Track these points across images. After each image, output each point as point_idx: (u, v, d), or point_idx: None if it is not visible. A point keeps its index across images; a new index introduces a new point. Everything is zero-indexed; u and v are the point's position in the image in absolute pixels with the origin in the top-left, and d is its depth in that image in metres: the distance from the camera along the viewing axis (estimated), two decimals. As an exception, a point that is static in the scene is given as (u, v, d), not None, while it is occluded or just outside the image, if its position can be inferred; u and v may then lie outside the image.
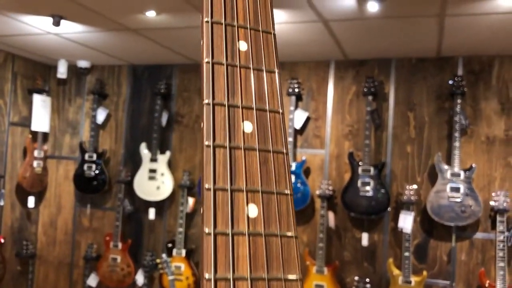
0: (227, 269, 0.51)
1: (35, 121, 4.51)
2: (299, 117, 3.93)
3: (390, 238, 3.72)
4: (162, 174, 4.24)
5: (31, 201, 4.59)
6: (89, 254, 4.42)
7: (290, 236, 0.56)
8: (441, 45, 3.39)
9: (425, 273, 3.48)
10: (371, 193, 3.62)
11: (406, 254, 3.45)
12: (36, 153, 4.49)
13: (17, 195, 4.49)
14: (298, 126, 3.93)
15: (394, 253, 3.69)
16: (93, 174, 4.41)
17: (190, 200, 4.14)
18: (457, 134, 3.48)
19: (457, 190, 3.43)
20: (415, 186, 3.56)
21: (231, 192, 0.55)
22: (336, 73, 3.94)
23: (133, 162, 4.42)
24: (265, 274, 0.52)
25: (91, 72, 4.65)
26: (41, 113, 4.56)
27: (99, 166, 4.41)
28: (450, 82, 3.56)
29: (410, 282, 3.43)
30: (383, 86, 3.82)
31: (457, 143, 3.47)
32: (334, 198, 3.82)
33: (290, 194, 0.58)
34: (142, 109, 4.49)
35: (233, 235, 0.53)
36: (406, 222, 3.49)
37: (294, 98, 3.91)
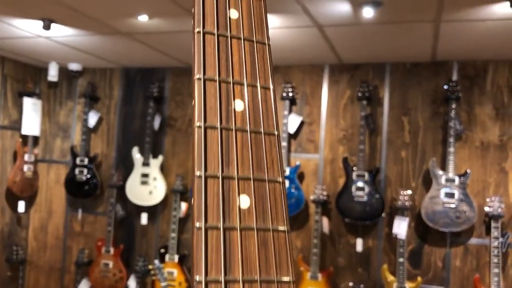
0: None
1: (26, 124, 4.45)
2: (293, 121, 3.90)
3: (385, 244, 3.70)
4: (155, 179, 4.19)
5: (21, 205, 4.53)
6: (80, 259, 4.36)
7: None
8: (436, 50, 3.37)
9: (419, 279, 3.46)
10: (366, 198, 3.60)
11: (401, 260, 3.43)
12: (26, 157, 4.43)
13: (7, 200, 4.43)
14: (292, 130, 3.89)
15: (388, 258, 3.67)
16: (84, 178, 4.35)
17: (183, 205, 4.10)
18: (451, 140, 3.46)
19: (451, 195, 3.42)
20: (410, 192, 3.54)
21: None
22: (330, 77, 3.92)
23: (125, 166, 4.36)
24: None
25: (83, 75, 4.59)
26: (31, 116, 4.49)
27: (91, 171, 4.36)
28: (445, 87, 3.54)
29: (404, 289, 3.41)
30: (378, 90, 3.79)
31: (451, 149, 3.45)
32: (328, 203, 3.79)
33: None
34: (135, 112, 4.44)
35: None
36: (401, 227, 3.47)
37: (288, 103, 3.88)
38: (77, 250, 4.47)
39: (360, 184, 3.62)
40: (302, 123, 3.93)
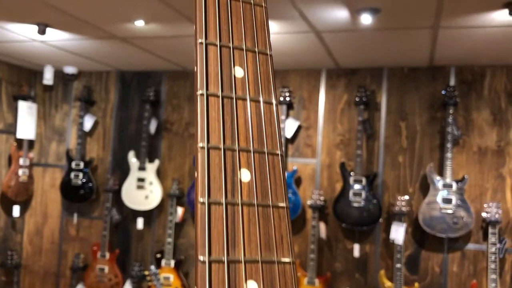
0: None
1: (21, 128, 4.41)
2: (290, 126, 3.88)
3: (382, 249, 3.69)
4: (151, 183, 4.17)
5: (16, 210, 4.49)
6: (76, 264, 4.33)
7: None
8: (433, 55, 3.36)
9: (416, 284, 3.45)
10: (363, 203, 3.58)
11: (398, 266, 3.41)
12: (21, 161, 4.39)
13: (1, 204, 4.39)
14: (289, 135, 3.88)
15: (385, 264, 3.66)
16: (80, 182, 4.32)
17: (179, 209, 4.07)
18: (449, 145, 3.45)
19: (449, 201, 3.41)
20: (407, 197, 3.53)
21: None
22: (327, 81, 3.90)
23: (121, 170, 4.33)
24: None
25: (78, 78, 4.56)
26: (26, 120, 4.46)
27: (86, 175, 4.33)
28: (443, 92, 3.53)
29: (402, 294, 3.40)
30: (375, 95, 3.78)
31: (449, 154, 3.44)
32: (326, 209, 3.78)
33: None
34: (131, 116, 4.41)
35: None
36: (398, 233, 3.46)
37: (285, 107, 3.86)
38: (72, 254, 4.43)
39: (357, 189, 3.61)
40: (299, 128, 3.92)
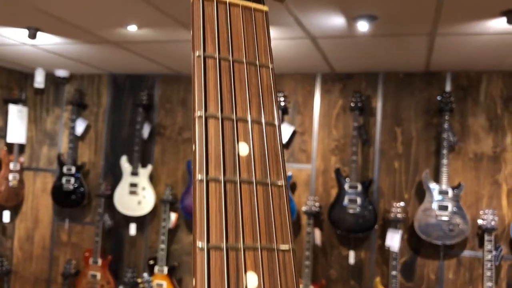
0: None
1: (11, 132, 4.34)
2: (285, 131, 3.84)
3: (377, 256, 3.66)
4: (144, 188, 4.11)
5: (6, 215, 4.42)
6: (67, 270, 4.26)
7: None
8: (429, 60, 3.33)
9: (412, 292, 3.43)
10: (358, 210, 3.55)
11: (394, 273, 3.38)
12: (11, 165, 4.32)
13: (-9, 210, 4.32)
14: (284, 140, 3.84)
15: (381, 271, 3.63)
16: (71, 187, 4.26)
17: (173, 215, 4.02)
18: (445, 151, 3.42)
19: (445, 208, 3.38)
20: (402, 204, 3.50)
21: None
22: (322, 86, 3.86)
23: (113, 175, 4.28)
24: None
25: (70, 81, 4.49)
26: (17, 124, 4.39)
27: (78, 180, 4.26)
28: (439, 98, 3.50)
29: (397, 302, 3.37)
30: (370, 100, 3.75)
31: (444, 160, 3.42)
32: (321, 215, 3.74)
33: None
34: (123, 120, 4.35)
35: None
36: (394, 240, 3.43)
37: (280, 112, 3.82)
38: (64, 260, 4.37)
39: (352, 195, 3.57)
40: (294, 133, 3.88)
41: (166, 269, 3.94)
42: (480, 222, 3.35)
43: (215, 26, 0.53)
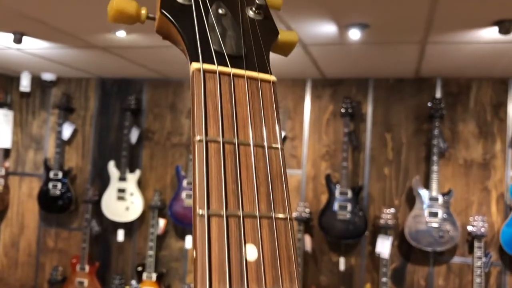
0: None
1: (-4, 136, 4.26)
2: (275, 136, 3.81)
3: (368, 262, 3.65)
4: (132, 194, 4.06)
5: (-8, 221, 4.34)
6: (54, 277, 4.19)
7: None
8: (420, 67, 3.33)
9: (402, 298, 3.42)
10: (349, 216, 3.54)
11: (384, 280, 3.37)
12: (-4, 170, 4.24)
13: (-24, 215, 4.24)
14: (274, 146, 3.81)
15: (371, 277, 3.62)
16: (58, 193, 4.19)
17: (161, 221, 3.98)
18: (435, 158, 3.42)
19: (435, 215, 3.38)
20: (393, 210, 3.49)
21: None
22: (313, 91, 3.84)
23: (101, 180, 4.21)
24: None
25: (57, 85, 4.42)
26: (2, 128, 4.31)
27: (65, 185, 4.20)
28: (429, 105, 3.50)
29: (387, 309, 3.37)
30: (361, 106, 3.74)
31: (435, 167, 3.41)
32: (311, 221, 3.72)
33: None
34: (111, 124, 4.29)
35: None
36: (384, 247, 3.42)
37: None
38: (50, 267, 4.30)
39: (343, 201, 3.56)
40: (284, 138, 3.85)
41: (154, 275, 3.89)
42: (470, 228, 3.35)
43: (218, 102, 0.49)
